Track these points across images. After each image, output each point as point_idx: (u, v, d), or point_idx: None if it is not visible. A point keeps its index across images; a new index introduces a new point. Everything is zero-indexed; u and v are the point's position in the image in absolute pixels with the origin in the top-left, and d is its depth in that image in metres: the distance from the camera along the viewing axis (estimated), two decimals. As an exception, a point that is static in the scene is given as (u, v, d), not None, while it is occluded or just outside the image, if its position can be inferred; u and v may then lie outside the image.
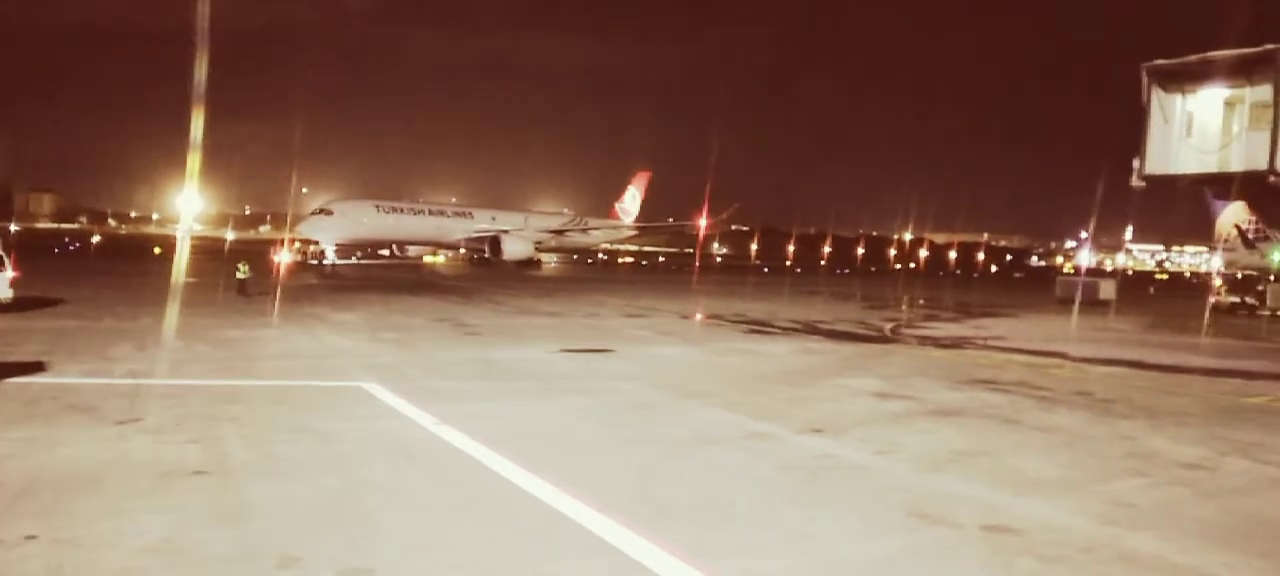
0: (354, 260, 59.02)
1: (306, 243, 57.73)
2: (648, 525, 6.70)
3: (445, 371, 14.17)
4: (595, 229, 75.62)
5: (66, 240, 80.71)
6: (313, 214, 57.18)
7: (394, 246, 66.94)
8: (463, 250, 67.48)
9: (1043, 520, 7.21)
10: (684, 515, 7.07)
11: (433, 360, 15.33)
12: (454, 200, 75.16)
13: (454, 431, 9.60)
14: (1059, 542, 6.67)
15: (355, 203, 60.28)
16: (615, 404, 11.84)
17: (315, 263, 53.05)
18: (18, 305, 20.63)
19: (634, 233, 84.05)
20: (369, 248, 65.16)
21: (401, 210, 62.35)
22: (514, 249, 62.58)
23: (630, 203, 79.53)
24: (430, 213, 64.99)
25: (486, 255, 62.79)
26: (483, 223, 65.25)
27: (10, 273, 20.60)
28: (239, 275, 27.01)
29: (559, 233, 70.85)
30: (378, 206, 60.63)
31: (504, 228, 64.32)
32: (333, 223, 56.51)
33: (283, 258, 40.17)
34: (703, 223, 75.38)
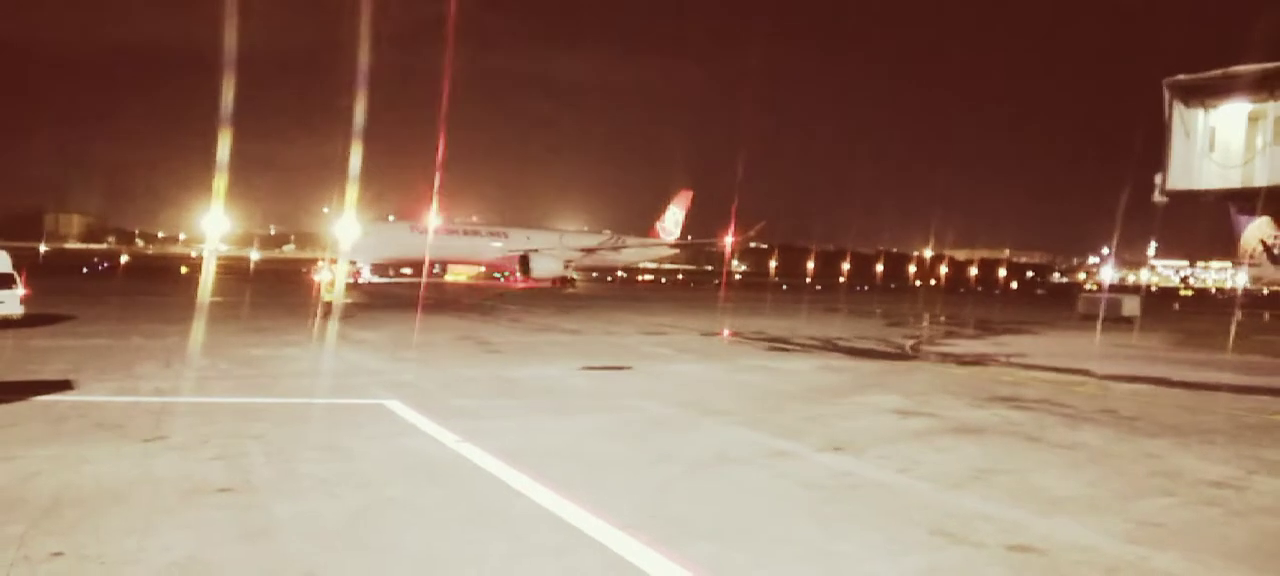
0: (375, 280, 59.69)
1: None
2: (668, 543, 6.69)
3: (466, 389, 14.22)
4: (629, 248, 75.57)
5: (94, 260, 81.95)
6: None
7: (438, 265, 67.66)
8: (483, 269, 67.95)
9: (1068, 539, 7.13)
10: (704, 533, 7.05)
11: (453, 377, 15.40)
12: (474, 218, 75.65)
13: (475, 448, 9.63)
14: (1084, 562, 6.59)
15: (390, 223, 61.46)
16: (635, 421, 11.83)
17: (352, 281, 54.24)
18: (30, 321, 21.31)
19: (674, 252, 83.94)
20: (405, 267, 65.82)
21: (436, 230, 63.05)
22: (543, 267, 62.92)
23: (671, 222, 79.43)
24: (465, 232, 65.76)
25: (516, 273, 63.20)
26: (518, 242, 65.76)
27: (20, 290, 21.36)
28: (326, 296, 27.30)
29: (590, 251, 70.85)
30: (412, 227, 61.48)
31: (536, 247, 64.74)
32: (369, 243, 57.66)
33: (324, 276, 40.87)
34: (729, 240, 75.44)
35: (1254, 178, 20.54)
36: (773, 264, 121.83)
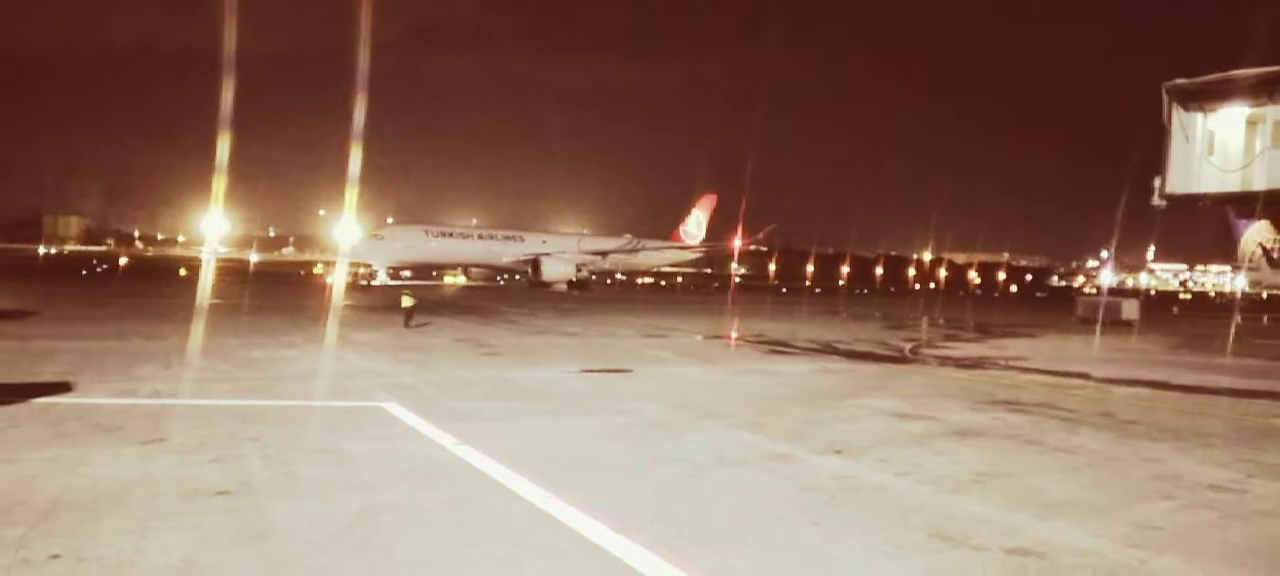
0: (390, 283, 59.96)
1: (357, 265, 59.81)
2: (667, 546, 6.69)
3: (465, 391, 14.23)
4: (647, 251, 75.45)
5: (94, 262, 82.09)
6: (365, 238, 58.68)
7: (437, 269, 67.93)
8: (484, 272, 68.12)
9: (1067, 543, 7.13)
10: (704, 536, 7.05)
11: (453, 380, 15.40)
12: (474, 221, 75.82)
13: (473, 451, 9.63)
14: (1084, 566, 6.60)
15: (405, 227, 62.17)
16: (634, 424, 11.83)
17: (365, 284, 54.77)
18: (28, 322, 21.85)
19: (696, 255, 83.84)
20: (418, 270, 65.96)
21: (450, 234, 63.46)
22: (554, 270, 63.08)
23: (694, 226, 79.42)
24: (480, 237, 66.03)
25: (528, 277, 63.46)
26: (533, 246, 65.87)
27: None
28: (405, 304, 27.64)
29: (603, 254, 70.77)
30: (427, 231, 62.01)
31: (548, 251, 64.93)
32: (383, 246, 58.30)
33: (335, 279, 41.07)
34: (738, 243, 75.53)
35: (1253, 182, 20.60)
36: (772, 267, 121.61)
